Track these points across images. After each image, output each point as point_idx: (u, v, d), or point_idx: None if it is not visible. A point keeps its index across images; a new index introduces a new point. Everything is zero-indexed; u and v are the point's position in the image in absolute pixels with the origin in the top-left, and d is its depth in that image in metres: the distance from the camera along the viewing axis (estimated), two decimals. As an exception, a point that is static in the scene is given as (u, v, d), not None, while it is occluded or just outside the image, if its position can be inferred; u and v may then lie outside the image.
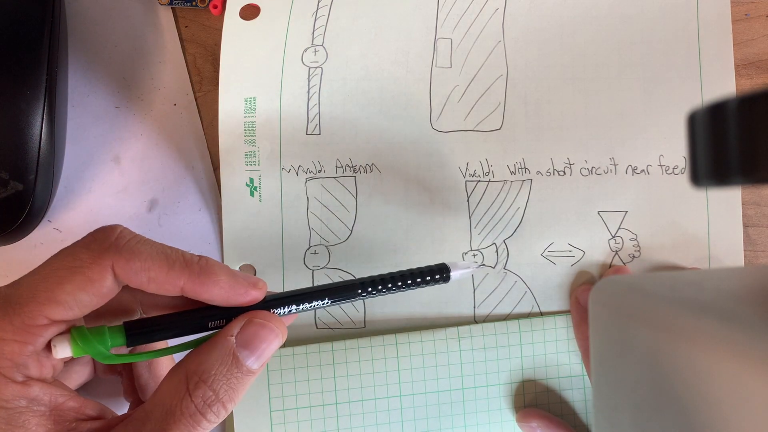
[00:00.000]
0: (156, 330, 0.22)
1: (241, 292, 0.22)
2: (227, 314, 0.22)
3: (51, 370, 0.21)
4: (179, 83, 0.34)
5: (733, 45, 0.34)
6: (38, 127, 0.30)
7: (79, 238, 0.21)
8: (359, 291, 0.25)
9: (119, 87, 0.34)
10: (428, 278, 0.26)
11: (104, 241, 0.21)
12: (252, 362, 0.21)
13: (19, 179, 0.30)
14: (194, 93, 0.34)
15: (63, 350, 0.20)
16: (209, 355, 0.21)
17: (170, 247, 0.21)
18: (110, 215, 0.33)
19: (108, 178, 0.33)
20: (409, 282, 0.25)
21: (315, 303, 0.24)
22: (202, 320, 0.22)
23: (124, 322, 0.22)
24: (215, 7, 0.33)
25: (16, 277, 0.21)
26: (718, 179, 0.15)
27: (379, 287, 0.25)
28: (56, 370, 0.22)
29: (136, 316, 0.24)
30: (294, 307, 0.24)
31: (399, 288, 0.25)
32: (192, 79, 0.34)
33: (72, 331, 0.21)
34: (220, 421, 0.21)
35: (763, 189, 0.34)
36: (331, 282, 0.25)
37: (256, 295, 0.22)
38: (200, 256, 0.22)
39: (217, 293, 0.21)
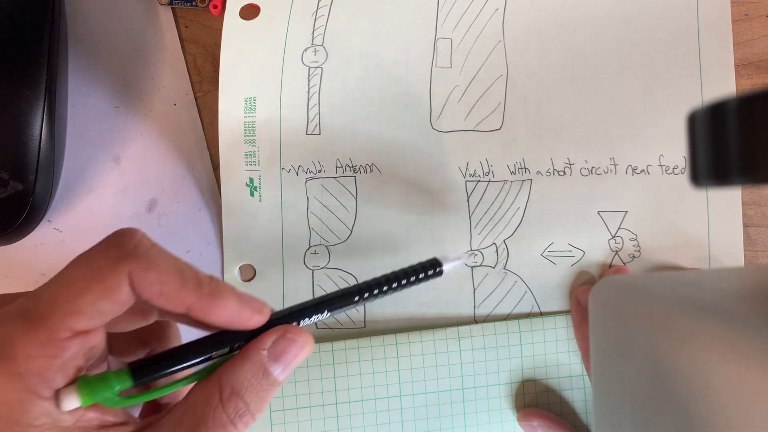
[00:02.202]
0: (161, 367, 0.21)
1: (246, 317, 0.22)
2: (231, 342, 0.22)
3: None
4: (179, 83, 0.34)
5: (733, 45, 0.34)
6: (38, 127, 0.30)
7: (80, 238, 0.21)
8: (356, 298, 0.24)
9: (119, 87, 0.34)
10: (421, 275, 0.26)
11: (123, 248, 0.20)
12: (280, 374, 0.22)
13: (19, 179, 0.30)
14: (194, 93, 0.34)
15: (71, 402, 0.20)
16: (242, 368, 0.21)
17: (185, 263, 0.21)
18: (110, 215, 0.33)
19: (108, 178, 0.33)
20: (404, 282, 0.25)
21: (315, 317, 0.24)
22: (207, 350, 0.22)
23: (129, 363, 0.21)
24: (215, 7, 0.33)
25: (17, 277, 0.20)
26: (718, 179, 0.15)
27: (375, 291, 0.25)
28: None
29: (153, 320, 0.24)
30: (295, 324, 0.24)
31: (394, 289, 0.25)
32: (192, 79, 0.34)
33: (78, 381, 0.20)
34: (247, 429, 0.21)
35: (763, 189, 0.34)
36: (330, 292, 0.24)
37: (259, 320, 0.22)
38: (210, 277, 0.21)
39: (224, 317, 0.21)
